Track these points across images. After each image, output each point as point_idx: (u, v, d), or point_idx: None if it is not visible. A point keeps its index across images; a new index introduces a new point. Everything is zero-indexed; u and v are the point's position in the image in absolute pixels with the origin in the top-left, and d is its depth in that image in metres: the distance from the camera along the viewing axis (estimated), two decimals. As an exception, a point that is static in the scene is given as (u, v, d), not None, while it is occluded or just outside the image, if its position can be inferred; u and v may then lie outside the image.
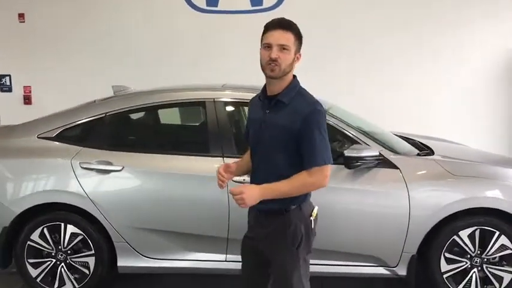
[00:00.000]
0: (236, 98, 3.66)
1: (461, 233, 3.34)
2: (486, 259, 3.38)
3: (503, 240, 3.34)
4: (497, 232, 3.33)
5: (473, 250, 3.37)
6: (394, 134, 4.06)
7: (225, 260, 3.45)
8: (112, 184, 3.42)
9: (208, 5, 6.39)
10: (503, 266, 3.39)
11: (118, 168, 3.41)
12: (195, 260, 3.46)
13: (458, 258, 3.38)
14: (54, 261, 3.51)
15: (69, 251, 3.50)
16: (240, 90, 3.68)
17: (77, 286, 3.52)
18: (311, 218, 2.36)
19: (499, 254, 3.37)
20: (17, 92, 6.68)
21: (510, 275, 3.38)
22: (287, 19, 2.26)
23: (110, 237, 3.46)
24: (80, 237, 3.47)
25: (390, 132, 4.08)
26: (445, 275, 3.39)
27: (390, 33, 6.09)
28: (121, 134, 3.79)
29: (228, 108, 3.65)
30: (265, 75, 2.26)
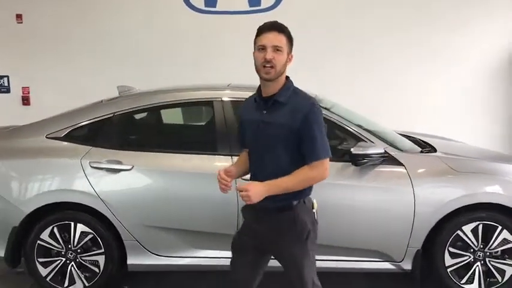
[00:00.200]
0: (243, 98, 3.68)
1: (464, 228, 3.43)
2: (489, 253, 3.47)
3: (505, 234, 3.43)
4: (499, 227, 3.42)
5: (476, 244, 3.45)
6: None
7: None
8: (122, 183, 3.46)
9: (206, 6, 6.44)
10: (505, 260, 3.48)
11: (128, 167, 3.45)
12: (204, 258, 3.51)
13: (461, 252, 3.46)
14: (64, 260, 3.54)
15: (78, 250, 3.53)
16: (247, 89, 3.72)
17: (87, 284, 3.55)
18: (314, 211, 2.47)
19: (501, 248, 3.46)
20: (16, 93, 6.66)
21: (512, 268, 3.48)
22: (279, 22, 2.37)
23: (120, 235, 3.50)
24: (90, 236, 3.50)
25: (392, 130, 4.16)
26: (449, 269, 3.47)
27: (389, 33, 6.18)
28: (130, 134, 3.83)
29: (236, 107, 3.70)
30: (260, 77, 2.35)
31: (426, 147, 3.89)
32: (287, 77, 2.41)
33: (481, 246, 3.46)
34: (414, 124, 5.22)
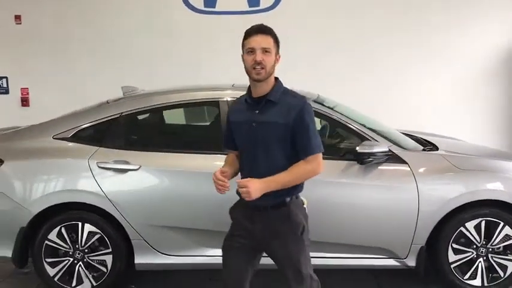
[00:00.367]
0: None
1: (467, 225, 3.49)
2: (491, 249, 3.53)
3: (507, 230, 3.50)
4: (501, 223, 3.49)
5: (479, 240, 3.51)
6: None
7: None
8: (129, 183, 3.48)
9: (206, 6, 6.46)
10: (507, 255, 3.55)
11: (135, 167, 3.47)
12: (211, 256, 3.52)
13: (464, 248, 3.53)
14: (71, 260, 3.56)
15: (86, 250, 3.55)
16: None
17: (95, 284, 3.57)
18: (304, 206, 2.55)
19: (503, 244, 3.52)
20: (15, 94, 6.64)
21: (514, 264, 3.54)
22: (265, 25, 2.45)
23: (127, 235, 3.52)
24: (98, 235, 3.52)
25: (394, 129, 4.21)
26: (453, 265, 3.53)
27: (388, 32, 6.24)
28: (137, 134, 3.86)
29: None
30: (251, 78, 2.42)
31: (428, 145, 3.95)
32: (276, 78, 2.49)
33: (484, 242, 3.52)
34: (414, 123, 5.27)
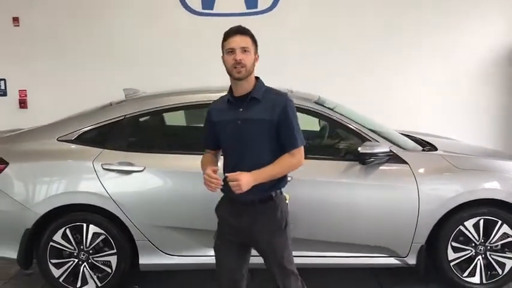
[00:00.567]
0: None
1: (466, 223, 3.56)
2: (489, 247, 3.61)
3: (505, 228, 3.58)
4: (499, 221, 3.57)
5: (477, 239, 3.59)
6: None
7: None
8: (134, 184, 3.51)
9: (204, 8, 6.48)
10: (505, 253, 3.62)
11: (139, 168, 3.51)
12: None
13: (464, 246, 3.60)
14: (76, 261, 3.58)
15: (91, 251, 3.58)
16: None
17: (100, 285, 3.60)
18: (286, 202, 2.65)
19: (502, 242, 3.60)
20: (12, 96, 6.62)
21: (512, 261, 3.62)
22: (243, 26, 2.56)
23: (132, 235, 3.56)
24: (102, 236, 3.55)
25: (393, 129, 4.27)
26: (452, 263, 3.61)
27: (386, 33, 6.28)
28: (141, 136, 3.90)
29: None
30: (232, 78, 2.51)
31: (427, 145, 4.01)
32: (257, 77, 2.59)
33: (482, 240, 3.59)
34: (411, 123, 5.34)
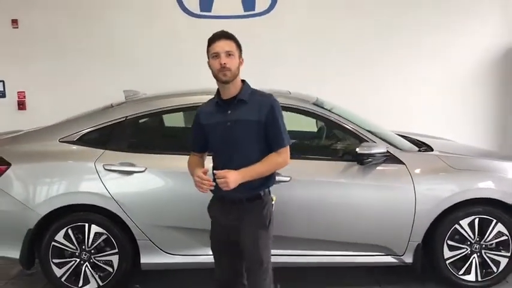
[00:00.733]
0: None
1: (462, 222, 3.63)
2: (484, 245, 3.68)
3: (499, 227, 3.65)
4: (494, 220, 3.64)
5: (473, 237, 3.66)
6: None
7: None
8: (135, 184, 3.56)
9: (202, 10, 6.54)
10: (500, 251, 3.70)
11: (141, 169, 3.56)
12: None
13: (459, 245, 3.67)
14: (78, 260, 3.62)
15: (92, 251, 3.62)
16: None
17: (101, 284, 3.64)
18: (273, 203, 2.73)
19: (496, 240, 3.68)
20: (11, 98, 6.65)
21: (506, 259, 3.70)
22: (226, 31, 2.63)
23: (133, 235, 3.60)
24: (104, 236, 3.60)
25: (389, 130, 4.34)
26: (448, 261, 3.68)
27: (381, 34, 6.37)
28: (142, 136, 3.95)
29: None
30: (219, 81, 2.60)
31: (423, 146, 4.08)
32: (243, 80, 2.66)
33: (477, 239, 3.67)
34: (409, 124, 5.43)
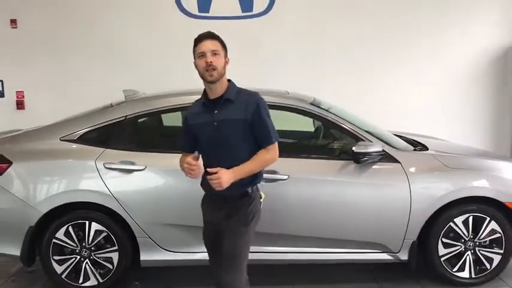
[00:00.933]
0: None
1: (456, 220, 3.70)
2: (478, 243, 3.75)
3: (493, 225, 3.72)
4: (487, 218, 3.71)
5: (467, 235, 3.73)
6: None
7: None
8: (135, 183, 3.62)
9: (200, 11, 6.59)
10: (493, 249, 3.77)
11: (141, 167, 3.61)
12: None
13: (453, 242, 3.73)
14: (78, 257, 3.67)
15: (93, 248, 3.67)
16: (265, 94, 3.86)
17: (101, 281, 3.69)
18: (261, 200, 2.78)
19: (490, 238, 3.75)
20: (10, 97, 6.69)
21: (499, 257, 3.77)
22: (212, 31, 2.69)
23: (133, 233, 3.65)
24: (104, 234, 3.65)
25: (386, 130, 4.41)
26: (442, 258, 3.74)
27: (379, 35, 6.43)
28: (142, 135, 4.00)
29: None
30: (205, 81, 2.64)
31: (418, 145, 4.15)
32: (229, 80, 2.71)
33: (471, 236, 3.73)
34: (406, 124, 5.50)
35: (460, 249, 3.75)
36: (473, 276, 3.77)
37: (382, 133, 4.09)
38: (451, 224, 3.70)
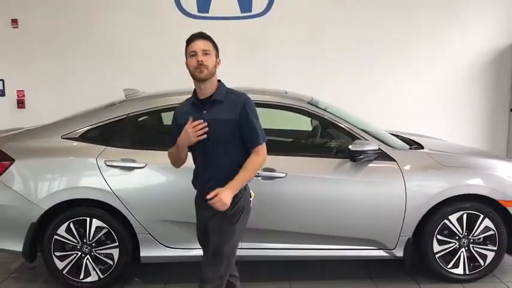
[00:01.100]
0: (260, 101, 3.72)
1: (450, 217, 3.77)
2: (472, 240, 3.82)
3: (486, 222, 3.79)
4: (481, 215, 3.78)
5: (461, 232, 3.80)
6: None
7: (240, 248, 3.74)
8: (136, 180, 3.68)
9: (199, 12, 6.65)
10: (487, 246, 3.84)
11: (141, 165, 3.67)
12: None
13: (448, 239, 3.80)
14: (79, 253, 3.74)
15: (93, 244, 3.73)
16: (264, 94, 3.99)
17: (102, 276, 3.76)
18: (250, 199, 2.81)
19: (483, 235, 3.81)
20: (11, 96, 6.75)
21: (493, 253, 3.84)
22: (204, 32, 2.73)
23: (133, 229, 3.72)
24: (105, 230, 3.71)
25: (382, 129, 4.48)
26: (437, 255, 3.81)
27: (377, 36, 6.51)
28: (142, 134, 4.06)
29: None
30: (195, 79, 2.68)
31: (414, 144, 4.22)
32: (219, 80, 2.76)
33: (466, 233, 3.80)
34: (404, 123, 5.56)
35: (455, 246, 3.82)
36: (467, 272, 3.84)
37: (378, 132, 4.15)
38: (446, 221, 3.77)
